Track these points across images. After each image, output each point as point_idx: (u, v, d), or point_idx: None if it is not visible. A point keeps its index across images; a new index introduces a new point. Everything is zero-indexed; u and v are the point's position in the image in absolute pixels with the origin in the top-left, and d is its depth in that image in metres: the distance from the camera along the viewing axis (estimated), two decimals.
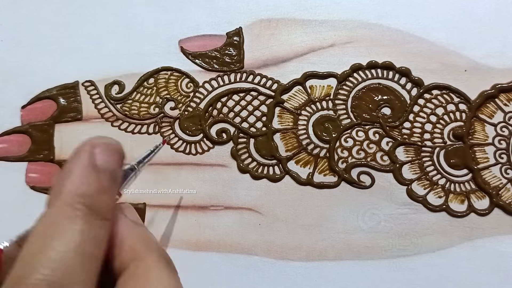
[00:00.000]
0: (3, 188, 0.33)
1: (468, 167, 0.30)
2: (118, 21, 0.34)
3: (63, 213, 0.19)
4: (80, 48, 0.34)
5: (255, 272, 0.31)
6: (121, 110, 0.33)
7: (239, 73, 0.33)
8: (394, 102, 0.31)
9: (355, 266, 0.30)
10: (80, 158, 0.21)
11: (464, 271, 0.29)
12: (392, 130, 0.31)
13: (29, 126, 0.33)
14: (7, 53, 0.34)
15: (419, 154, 0.31)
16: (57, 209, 0.19)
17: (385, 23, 0.32)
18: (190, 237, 0.31)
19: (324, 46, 0.32)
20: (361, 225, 0.30)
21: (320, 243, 0.31)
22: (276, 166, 0.32)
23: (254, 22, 0.33)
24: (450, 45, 0.31)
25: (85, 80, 0.34)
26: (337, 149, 0.32)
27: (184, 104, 0.33)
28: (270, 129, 0.32)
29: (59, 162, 0.33)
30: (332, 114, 0.32)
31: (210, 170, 0.32)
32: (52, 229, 0.19)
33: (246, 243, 0.31)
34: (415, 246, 0.30)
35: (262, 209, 0.31)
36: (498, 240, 0.29)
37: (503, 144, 0.30)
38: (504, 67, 0.31)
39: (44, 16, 0.35)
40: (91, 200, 0.20)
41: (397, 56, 0.31)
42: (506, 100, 0.31)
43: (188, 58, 0.33)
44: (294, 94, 0.32)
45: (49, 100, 0.34)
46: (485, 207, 0.30)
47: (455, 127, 0.31)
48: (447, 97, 0.31)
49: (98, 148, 0.21)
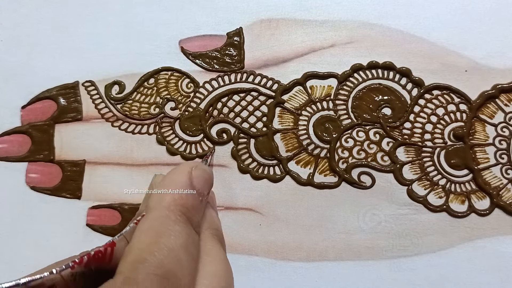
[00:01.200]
0: (3, 188, 0.33)
1: (468, 168, 0.30)
2: (118, 21, 0.34)
3: (169, 216, 0.22)
4: (80, 48, 0.34)
5: (256, 272, 0.31)
6: (121, 110, 0.33)
7: (240, 73, 0.33)
8: (395, 103, 0.31)
9: (355, 266, 0.30)
10: (180, 176, 0.24)
11: (465, 272, 0.29)
12: (393, 131, 0.31)
13: (29, 126, 0.33)
14: (7, 53, 0.34)
15: (420, 154, 0.31)
16: (162, 212, 0.22)
17: (385, 23, 0.32)
18: None
19: (324, 46, 0.32)
20: (361, 225, 0.30)
21: (321, 244, 0.31)
22: (277, 167, 0.32)
23: (254, 22, 0.33)
24: (450, 46, 0.31)
25: (85, 80, 0.34)
26: (338, 150, 0.32)
27: (185, 104, 0.33)
28: (270, 130, 0.32)
29: (59, 162, 0.33)
30: (333, 115, 0.32)
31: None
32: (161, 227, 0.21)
33: (246, 243, 0.31)
34: (415, 247, 0.30)
35: (263, 210, 0.31)
36: (499, 241, 0.29)
37: (504, 144, 0.30)
38: (505, 67, 0.31)
39: (44, 16, 0.35)
40: (188, 213, 0.23)
41: (398, 56, 0.31)
42: (507, 101, 0.31)
43: (188, 58, 0.33)
44: (295, 94, 0.32)
45: (49, 100, 0.34)
46: (486, 208, 0.30)
47: (456, 128, 0.31)
48: (447, 97, 0.31)
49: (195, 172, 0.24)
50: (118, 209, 0.32)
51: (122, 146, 0.33)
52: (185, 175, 0.24)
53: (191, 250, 0.22)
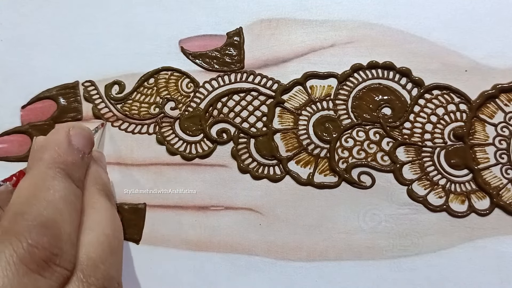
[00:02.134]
0: None
1: (468, 167, 0.30)
2: (118, 21, 0.34)
3: (47, 173, 0.23)
4: (80, 48, 0.34)
5: (256, 272, 0.31)
6: (121, 110, 0.33)
7: (240, 73, 0.33)
8: (395, 102, 0.31)
9: (355, 266, 0.30)
10: (58, 135, 0.25)
11: (465, 271, 0.29)
12: (393, 130, 0.31)
13: (29, 126, 0.33)
14: (7, 53, 0.34)
15: (420, 154, 0.31)
16: (41, 170, 0.23)
17: (385, 23, 0.32)
18: (190, 237, 0.31)
19: (324, 46, 0.32)
20: (361, 225, 0.30)
21: (321, 243, 0.31)
22: (277, 166, 0.32)
23: (254, 22, 0.33)
24: (451, 45, 0.31)
25: (85, 80, 0.34)
26: (338, 149, 0.32)
27: (185, 104, 0.33)
28: (270, 129, 0.32)
29: None
30: (333, 114, 0.32)
31: (210, 170, 0.32)
32: (40, 183, 0.22)
33: (246, 243, 0.31)
34: (415, 246, 0.30)
35: (263, 209, 0.31)
36: (499, 240, 0.29)
37: (504, 144, 0.30)
38: (505, 67, 0.31)
39: (44, 16, 0.35)
40: (68, 169, 0.24)
41: (398, 56, 0.31)
42: (507, 100, 0.31)
43: (188, 58, 0.33)
44: (295, 94, 0.32)
45: (49, 100, 0.34)
46: (486, 207, 0.30)
47: (456, 127, 0.31)
48: (447, 97, 0.31)
49: (73, 131, 0.25)
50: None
51: (122, 146, 0.33)
52: (63, 134, 0.25)
53: (73, 201, 0.23)
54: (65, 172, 0.24)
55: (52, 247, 0.20)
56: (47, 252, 0.20)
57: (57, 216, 0.21)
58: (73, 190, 0.24)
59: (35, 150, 0.25)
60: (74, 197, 0.23)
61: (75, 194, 0.24)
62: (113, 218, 0.25)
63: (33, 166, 0.24)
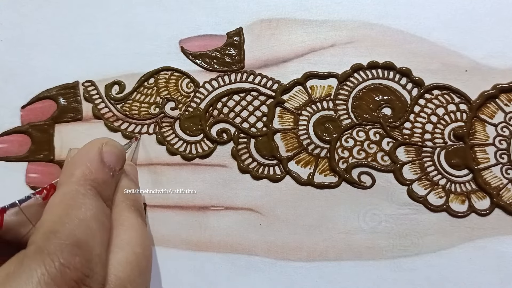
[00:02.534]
0: (3, 188, 0.33)
1: (468, 167, 0.30)
2: (118, 21, 0.34)
3: (78, 190, 0.23)
4: (80, 48, 0.34)
5: (256, 272, 0.31)
6: (121, 110, 0.33)
7: (240, 73, 0.33)
8: (395, 102, 0.31)
9: (356, 266, 0.30)
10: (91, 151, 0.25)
11: (465, 272, 0.29)
12: (393, 130, 0.31)
13: (29, 126, 0.33)
14: (7, 53, 0.34)
15: (420, 154, 0.31)
16: (72, 187, 0.23)
17: (386, 23, 0.32)
18: (190, 237, 0.31)
19: (324, 46, 0.32)
20: (362, 225, 0.30)
21: (321, 244, 0.31)
22: (277, 166, 0.32)
23: (254, 22, 0.33)
24: (451, 45, 0.31)
25: (85, 80, 0.34)
26: (338, 149, 0.31)
27: (185, 104, 0.33)
28: (270, 129, 0.32)
29: (59, 162, 0.33)
30: (333, 114, 0.32)
31: (210, 170, 0.32)
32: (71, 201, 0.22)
33: (246, 243, 0.31)
34: (416, 247, 0.30)
35: (263, 209, 0.31)
36: (499, 241, 0.29)
37: (504, 144, 0.30)
38: (505, 67, 0.31)
39: (45, 16, 0.35)
40: (98, 187, 0.24)
41: (398, 56, 0.31)
42: (507, 100, 0.31)
43: (188, 58, 0.33)
44: (295, 94, 0.32)
45: (49, 100, 0.34)
46: (486, 207, 0.30)
47: (456, 127, 0.31)
48: (447, 97, 0.31)
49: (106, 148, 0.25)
50: None
51: None
52: (95, 150, 0.25)
53: (102, 221, 0.23)
54: (96, 190, 0.23)
55: (84, 267, 0.20)
56: (78, 273, 0.20)
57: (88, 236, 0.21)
58: (103, 209, 0.23)
59: (68, 163, 0.25)
60: (104, 216, 0.23)
61: (105, 213, 0.23)
62: (143, 236, 0.25)
63: (64, 182, 0.23)
